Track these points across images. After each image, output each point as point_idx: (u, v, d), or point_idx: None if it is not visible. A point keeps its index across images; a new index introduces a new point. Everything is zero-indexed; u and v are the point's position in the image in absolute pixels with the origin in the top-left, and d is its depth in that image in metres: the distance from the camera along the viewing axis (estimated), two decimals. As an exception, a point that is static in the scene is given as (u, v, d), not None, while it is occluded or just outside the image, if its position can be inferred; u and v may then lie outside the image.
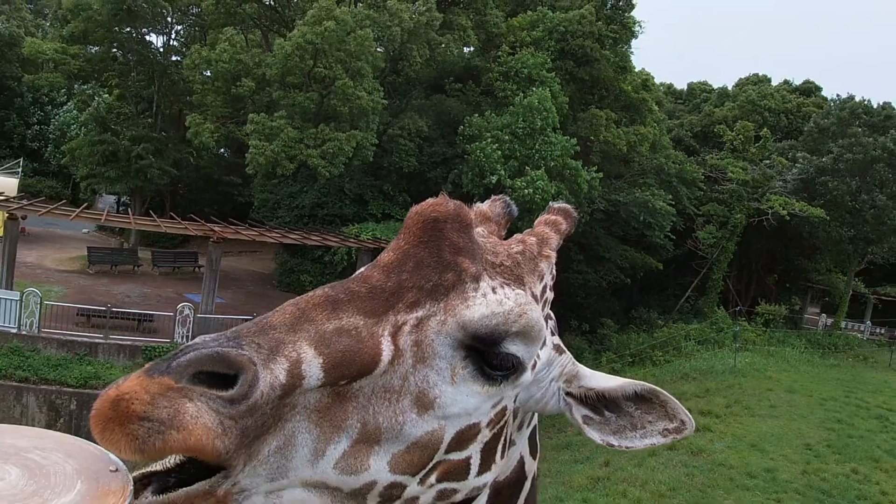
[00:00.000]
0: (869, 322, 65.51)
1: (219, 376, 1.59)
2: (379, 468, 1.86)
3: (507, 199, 2.61)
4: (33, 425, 1.61)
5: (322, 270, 47.01)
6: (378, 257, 2.07)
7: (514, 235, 2.40)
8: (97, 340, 34.18)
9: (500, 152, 42.98)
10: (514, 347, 1.99)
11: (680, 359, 43.59)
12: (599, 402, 2.25)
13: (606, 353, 45.21)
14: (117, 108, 57.22)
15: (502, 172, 42.51)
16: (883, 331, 64.45)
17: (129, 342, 34.57)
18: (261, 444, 1.66)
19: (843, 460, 24.14)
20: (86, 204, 53.87)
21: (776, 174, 56.08)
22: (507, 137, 43.66)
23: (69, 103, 73.62)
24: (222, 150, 65.94)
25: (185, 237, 57.56)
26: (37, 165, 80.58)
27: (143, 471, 1.66)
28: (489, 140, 43.26)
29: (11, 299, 34.83)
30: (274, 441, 1.69)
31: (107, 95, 60.29)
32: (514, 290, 2.05)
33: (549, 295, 2.34)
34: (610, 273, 52.60)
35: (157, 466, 1.68)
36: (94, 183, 59.80)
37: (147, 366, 1.59)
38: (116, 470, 1.60)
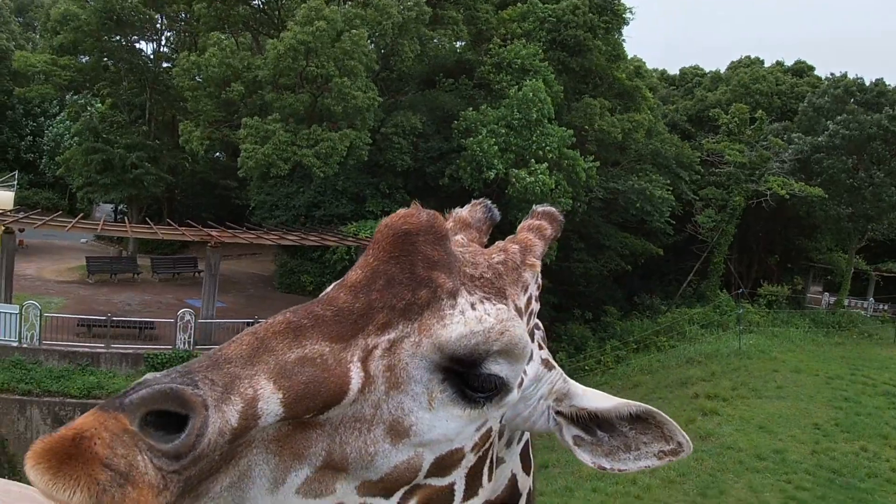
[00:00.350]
0: (872, 299, 65.45)
1: (169, 415, 1.44)
2: (346, 491, 1.71)
3: (489, 203, 2.44)
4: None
5: (322, 270, 46.89)
6: (345, 276, 1.90)
7: (496, 243, 2.22)
8: (99, 350, 34.12)
9: (497, 146, 42.84)
10: (496, 367, 1.82)
11: (684, 343, 43.51)
12: (591, 422, 2.11)
13: (611, 341, 45.09)
14: (110, 117, 57.07)
15: (500, 167, 42.41)
16: (886, 307, 64.25)
17: (131, 350, 34.53)
18: (209, 484, 1.51)
19: (851, 438, 24.08)
20: (82, 214, 53.96)
21: (773, 155, 56.02)
22: (503, 130, 43.57)
23: (62, 114, 73.50)
24: (217, 154, 65.79)
25: (183, 243, 57.55)
26: (32, 177, 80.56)
27: None
28: (486, 134, 43.14)
29: (11, 313, 34.76)
30: (226, 478, 1.54)
31: (99, 105, 60.20)
32: (495, 305, 1.88)
33: (535, 306, 2.17)
34: (611, 261, 52.51)
35: None
36: (91, 192, 59.73)
37: (103, 402, 1.44)
38: None
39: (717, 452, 21.72)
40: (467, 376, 1.80)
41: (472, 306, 1.83)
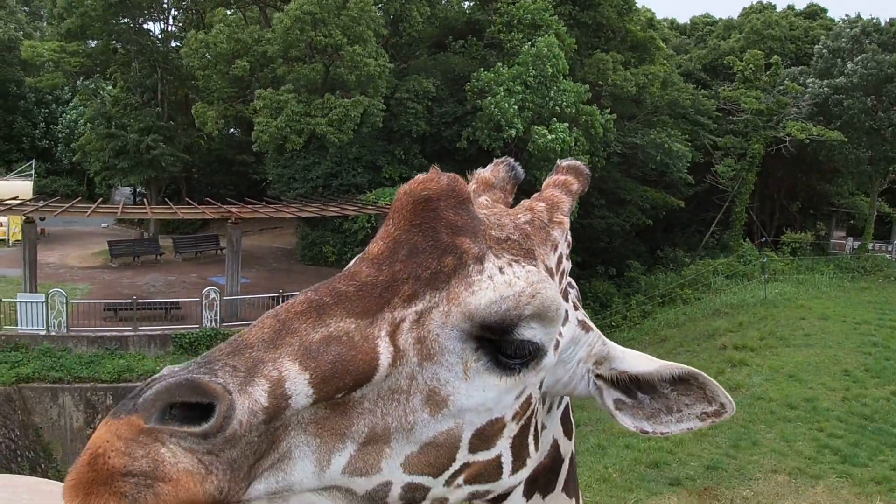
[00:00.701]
0: (896, 242, 64.72)
1: (194, 408, 1.39)
2: (391, 469, 1.65)
3: (512, 161, 2.33)
4: (72, 424, 1.40)
5: (343, 240, 46.94)
6: (367, 248, 1.81)
7: (521, 202, 2.11)
8: (127, 333, 34.32)
9: (515, 105, 42.54)
10: (530, 332, 1.74)
11: (710, 295, 43.30)
12: (632, 385, 2.04)
13: (636, 296, 44.96)
14: (123, 100, 57.00)
15: (520, 125, 42.12)
16: (910, 249, 63.47)
17: (158, 332, 34.69)
18: (255, 469, 1.46)
19: (882, 384, 23.94)
20: (101, 199, 54.07)
21: (790, 101, 55.47)
22: (519, 88, 43.25)
23: (74, 100, 73.59)
24: (232, 130, 65.75)
25: (204, 221, 57.79)
26: (49, 165, 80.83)
27: None
28: (503, 93, 42.85)
29: (37, 301, 34.99)
30: (268, 460, 1.49)
31: (111, 88, 60.19)
32: (524, 267, 1.80)
33: (567, 265, 2.08)
34: (632, 215, 52.25)
35: None
36: (109, 177, 59.95)
37: (113, 409, 1.38)
38: None
39: (747, 403, 21.64)
40: (500, 343, 1.73)
41: (501, 270, 1.75)
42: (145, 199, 60.80)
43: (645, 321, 40.88)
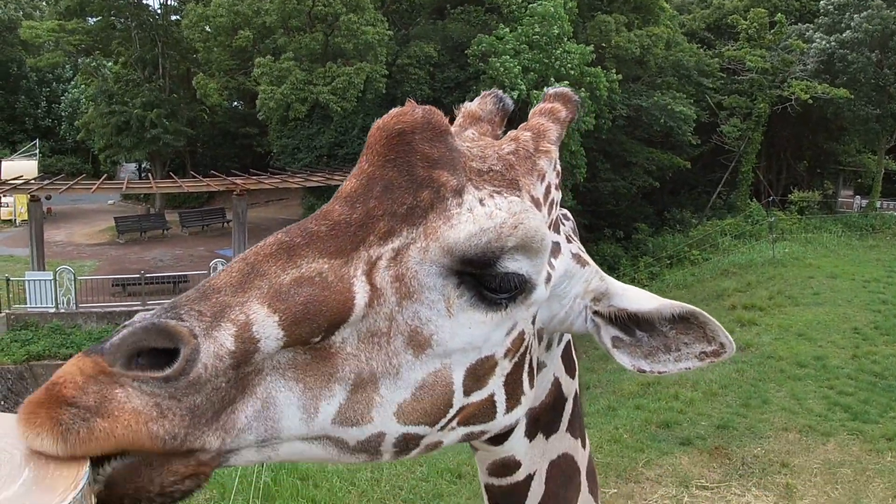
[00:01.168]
0: (905, 199, 64.39)
1: (161, 355, 1.33)
2: (384, 419, 1.59)
3: (500, 93, 2.22)
4: None
5: (351, 208, 46.66)
6: (340, 187, 1.73)
7: (507, 133, 2.02)
8: (135, 308, 34.33)
9: (518, 67, 42.24)
10: (514, 265, 1.68)
11: (718, 255, 43.24)
12: (631, 322, 1.98)
13: (643, 258, 44.93)
14: (124, 77, 56.84)
15: (523, 87, 41.85)
16: (920, 207, 63.16)
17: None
18: (233, 415, 1.40)
19: (892, 341, 23.89)
20: (105, 175, 54.04)
21: (795, 59, 55.05)
22: (524, 47, 42.95)
23: (76, 78, 73.53)
24: (235, 102, 65.59)
25: (210, 194, 57.84)
26: (53, 144, 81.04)
27: None
28: (508, 55, 42.57)
29: (45, 280, 35.11)
30: (249, 407, 1.42)
31: (111, 65, 60.05)
32: (506, 198, 1.71)
33: (556, 195, 1.97)
34: (638, 177, 51.97)
35: None
36: (113, 154, 59.95)
37: (88, 348, 1.33)
38: None
39: (757, 362, 21.65)
40: (483, 278, 1.66)
41: (481, 202, 1.68)
42: (150, 175, 60.88)
43: (653, 283, 40.80)
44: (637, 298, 2.01)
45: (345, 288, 1.54)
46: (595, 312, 2.02)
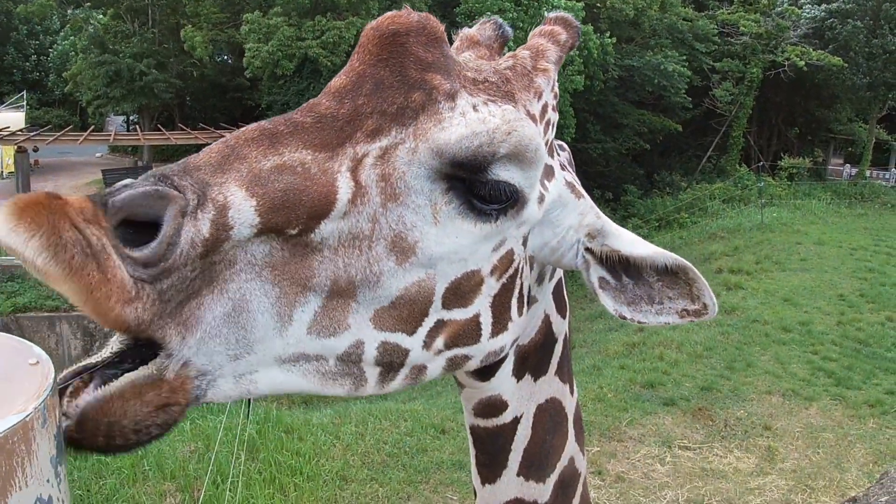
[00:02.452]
0: (894, 169, 64.09)
1: (140, 231, 1.26)
2: (360, 325, 1.54)
3: (499, 19, 2.18)
4: (70, 352, 1.28)
5: (339, 165, 46.59)
6: (329, 83, 1.68)
7: (506, 53, 1.99)
8: (122, 261, 34.39)
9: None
10: (505, 173, 1.63)
11: (706, 219, 43.34)
12: (620, 265, 1.95)
13: (632, 220, 44.91)
14: (114, 28, 56.21)
15: (511, 46, 41.57)
16: (908, 177, 63.26)
17: (153, 258, 34.76)
18: (198, 311, 1.33)
19: (877, 309, 24.01)
20: (93, 128, 53.70)
21: (790, 25, 54.80)
22: (508, 5, 42.60)
23: (64, 29, 72.97)
24: (225, 56, 65.03)
25: (198, 147, 56.85)
26: (41, 96, 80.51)
27: (76, 367, 1.32)
28: (492, 11, 42.22)
29: (31, 230, 34.93)
30: (218, 306, 1.35)
31: (101, 16, 59.39)
32: (500, 106, 1.66)
33: (553, 116, 1.93)
34: (628, 139, 51.86)
35: (95, 359, 1.34)
36: (101, 106, 59.40)
37: (96, 194, 1.27)
38: (37, 362, 1.26)
39: (742, 326, 21.73)
40: (474, 184, 1.62)
41: (475, 108, 1.64)
42: (138, 127, 60.49)
43: (641, 245, 40.77)
44: (631, 242, 1.98)
45: (328, 181, 1.49)
46: (587, 249, 1.98)
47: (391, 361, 1.64)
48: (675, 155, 59.77)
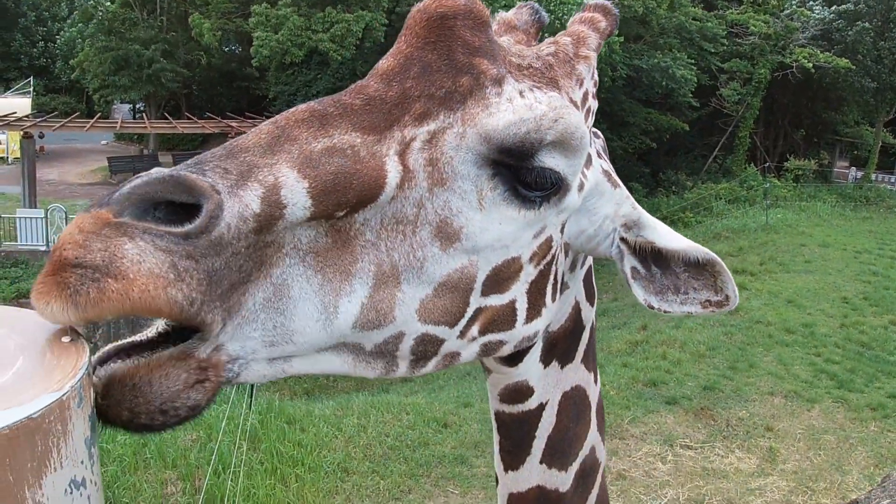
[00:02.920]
0: (900, 173, 64.26)
1: (177, 210, 1.24)
2: (405, 318, 1.53)
3: (535, 4, 2.17)
4: (75, 338, 1.24)
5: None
6: (376, 65, 1.67)
7: (546, 39, 1.98)
8: (127, 248, 34.39)
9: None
10: (551, 160, 1.63)
11: (711, 219, 43.20)
12: (650, 256, 1.98)
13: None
14: (122, 15, 56.21)
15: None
16: (914, 182, 63.04)
17: (159, 246, 34.88)
18: (243, 297, 1.31)
19: (880, 312, 23.97)
20: (99, 115, 53.67)
21: (799, 26, 54.66)
22: (517, 3, 42.46)
23: (73, 15, 72.91)
24: (233, 46, 65.03)
25: (204, 137, 57.60)
26: (48, 83, 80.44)
27: (119, 343, 1.30)
28: (501, 6, 42.15)
29: (37, 217, 34.97)
30: (259, 292, 1.34)
31: (109, 3, 59.42)
32: (546, 93, 1.66)
33: (593, 104, 1.95)
34: (635, 138, 51.69)
35: (136, 337, 1.32)
36: (108, 93, 59.41)
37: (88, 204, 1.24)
38: (71, 340, 1.24)
39: (745, 327, 21.68)
40: (519, 170, 1.62)
41: (521, 94, 1.63)
42: (144, 115, 60.51)
43: (646, 244, 40.71)
44: (667, 235, 2.00)
45: (377, 165, 1.48)
46: (622, 239, 2.00)
47: (426, 350, 1.64)
48: (682, 154, 59.62)
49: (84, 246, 1.17)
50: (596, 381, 2.36)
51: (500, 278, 1.69)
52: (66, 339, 1.27)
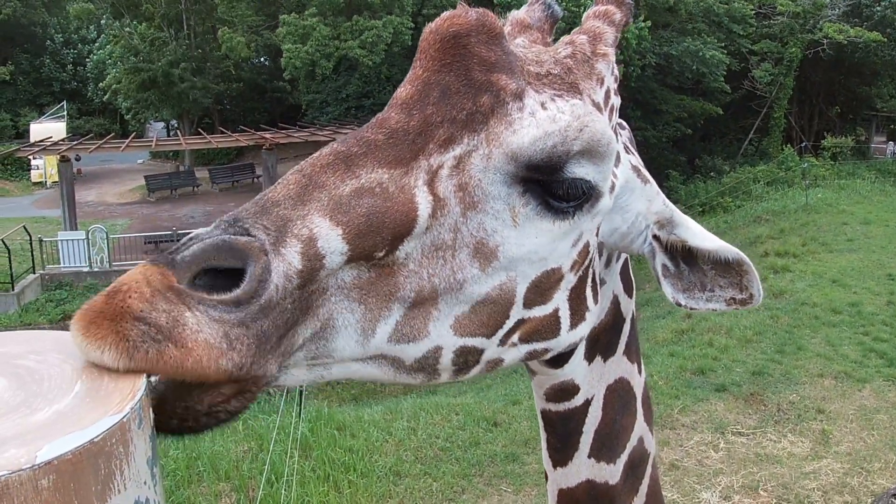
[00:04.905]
0: (938, 145, 63.34)
1: (219, 276, 1.26)
2: (440, 332, 1.54)
3: None
4: None
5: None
6: (395, 94, 1.66)
7: (561, 38, 1.95)
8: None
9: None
10: (580, 170, 1.62)
11: (750, 202, 42.78)
12: (679, 254, 1.98)
13: (676, 206, 44.42)
14: (150, 36, 56.77)
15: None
16: (953, 152, 62.07)
17: (199, 262, 35.18)
18: (291, 338, 1.34)
19: (927, 287, 23.68)
20: (134, 134, 54.25)
21: (827, 2, 54.06)
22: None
23: (100, 38, 73.67)
24: (262, 58, 65.45)
25: (239, 150, 58.08)
26: (81, 106, 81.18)
27: None
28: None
29: (78, 239, 35.38)
30: (308, 329, 1.37)
31: (136, 24, 60.04)
32: (568, 101, 1.65)
33: (615, 101, 1.91)
34: (669, 126, 51.37)
35: None
36: (140, 112, 60.00)
37: (153, 256, 1.26)
38: None
39: (791, 309, 21.46)
40: (550, 184, 1.61)
41: (543, 106, 1.62)
42: (178, 132, 61.08)
43: (685, 231, 40.44)
44: (700, 234, 2.00)
45: (407, 199, 1.48)
46: (654, 237, 2.00)
47: (466, 360, 1.65)
48: (717, 139, 59.19)
49: (150, 302, 1.19)
50: (640, 372, 2.36)
51: (541, 289, 1.69)
52: None
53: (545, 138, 1.57)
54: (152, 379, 1.27)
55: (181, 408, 1.29)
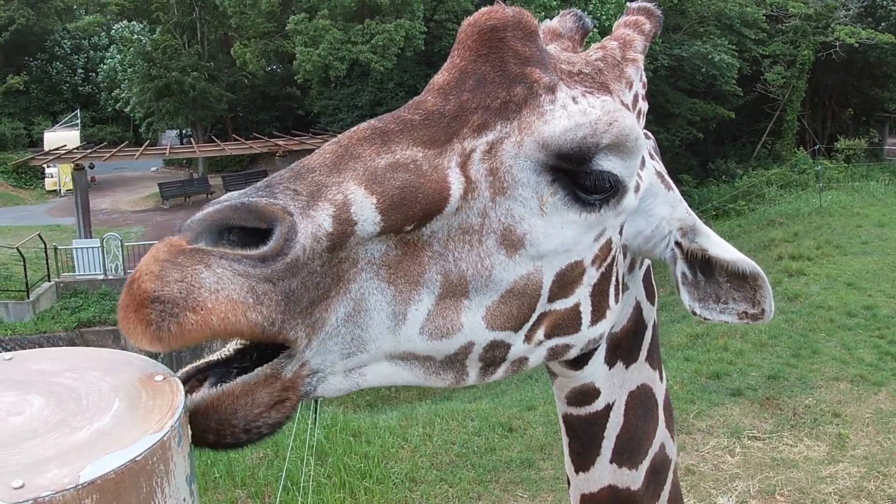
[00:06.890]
0: (952, 147, 63.02)
1: (250, 234, 1.29)
2: (473, 325, 1.58)
3: (579, 11, 2.23)
4: (168, 376, 1.28)
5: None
6: (431, 80, 1.73)
7: (591, 45, 2.04)
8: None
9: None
10: (608, 163, 1.68)
11: (764, 205, 42.71)
12: (698, 263, 2.01)
13: (689, 210, 44.40)
14: (162, 43, 56.99)
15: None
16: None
17: (214, 269, 35.27)
18: (325, 313, 1.36)
19: (942, 291, 23.57)
20: (148, 142, 54.45)
21: (839, 4, 53.91)
22: (555, 3, 42.36)
23: (111, 47, 73.84)
24: (274, 66, 65.59)
25: (252, 157, 58.18)
26: (94, 113, 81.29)
27: (198, 363, 1.37)
28: (534, 8, 41.99)
29: (93, 247, 35.50)
30: (341, 307, 1.40)
31: (148, 31, 60.29)
32: (598, 97, 1.72)
33: (643, 106, 2.02)
34: (681, 129, 51.21)
35: (215, 356, 1.39)
36: (154, 121, 60.17)
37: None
38: (164, 378, 1.28)
39: (806, 312, 21.39)
40: (578, 175, 1.67)
41: (574, 100, 1.68)
42: (192, 140, 61.26)
43: (699, 235, 40.34)
44: (720, 244, 2.03)
45: (440, 178, 1.53)
46: (677, 244, 2.03)
47: (494, 357, 1.69)
48: (729, 142, 59.04)
49: (161, 277, 1.21)
50: (662, 379, 2.39)
51: (564, 282, 1.73)
52: (158, 378, 1.30)
53: (576, 129, 1.63)
54: (189, 397, 1.29)
55: (215, 422, 1.32)
